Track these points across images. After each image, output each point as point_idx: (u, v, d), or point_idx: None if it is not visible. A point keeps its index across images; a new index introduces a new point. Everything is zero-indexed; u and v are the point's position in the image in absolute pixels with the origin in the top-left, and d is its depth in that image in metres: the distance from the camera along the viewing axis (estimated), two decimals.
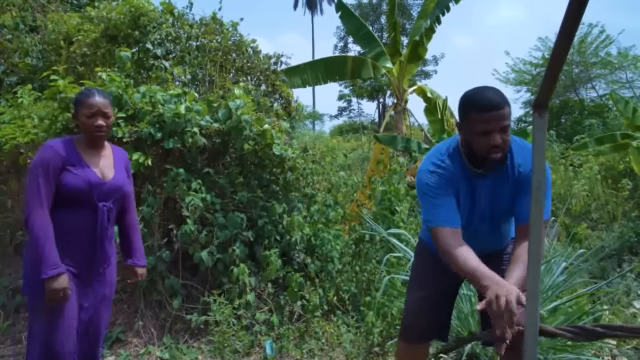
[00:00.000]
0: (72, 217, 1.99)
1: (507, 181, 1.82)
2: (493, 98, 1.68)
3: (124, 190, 2.18)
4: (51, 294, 1.86)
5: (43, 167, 1.93)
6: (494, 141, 1.67)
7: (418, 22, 6.78)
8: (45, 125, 3.40)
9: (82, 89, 2.21)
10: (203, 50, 4.21)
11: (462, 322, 2.75)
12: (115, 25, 4.58)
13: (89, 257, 2.04)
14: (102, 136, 2.08)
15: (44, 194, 1.91)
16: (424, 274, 2.15)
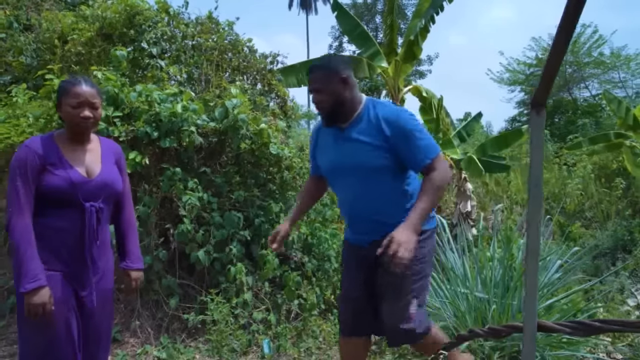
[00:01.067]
0: (58, 219, 1.83)
1: (362, 130, 1.99)
2: (313, 64, 2.07)
3: (114, 187, 1.97)
4: (30, 308, 1.70)
5: (20, 168, 1.78)
6: (313, 100, 2.02)
7: (413, 22, 6.79)
8: (40, 124, 3.38)
9: (68, 77, 2.03)
10: (199, 50, 4.20)
11: (460, 319, 2.77)
12: (111, 24, 4.56)
13: (79, 261, 1.87)
14: (88, 128, 1.89)
15: (23, 198, 1.76)
16: (345, 267, 2.24)
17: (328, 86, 1.98)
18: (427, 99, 7.09)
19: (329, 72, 1.99)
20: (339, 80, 2.00)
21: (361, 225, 2.09)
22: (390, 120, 1.95)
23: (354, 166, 2.01)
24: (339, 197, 2.20)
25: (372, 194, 2.01)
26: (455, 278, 2.99)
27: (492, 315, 2.68)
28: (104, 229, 1.97)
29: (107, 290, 2.00)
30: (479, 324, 2.81)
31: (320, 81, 1.99)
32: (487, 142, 6.33)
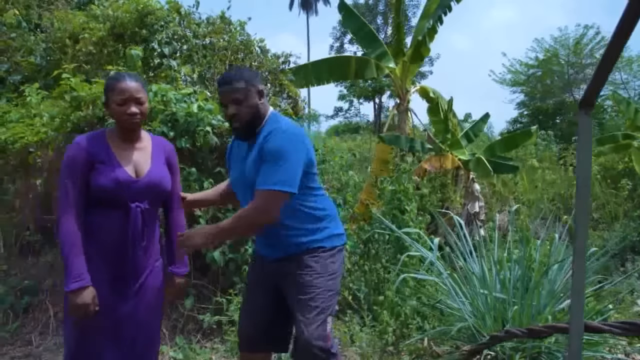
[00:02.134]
0: (104, 219, 1.79)
1: (254, 151, 1.94)
2: (226, 75, 1.97)
3: (162, 188, 1.90)
4: (73, 308, 1.68)
5: (70, 167, 1.76)
6: (228, 112, 1.94)
7: (421, 22, 6.79)
8: (55, 124, 3.36)
9: (113, 72, 2.01)
10: (212, 49, 4.19)
11: (479, 320, 2.76)
12: (122, 24, 4.54)
13: (124, 263, 1.82)
14: (136, 125, 1.84)
15: (72, 197, 1.73)
16: (250, 279, 2.20)
17: (248, 99, 1.91)
18: (434, 99, 7.09)
19: (249, 84, 1.92)
20: (257, 92, 1.95)
21: (266, 239, 2.04)
22: (267, 139, 1.89)
23: (252, 182, 1.91)
24: None
25: None
26: (472, 278, 2.98)
27: (513, 316, 2.67)
28: (151, 230, 1.90)
29: (153, 294, 1.93)
30: (498, 324, 2.81)
31: (240, 92, 1.90)
32: (496, 143, 6.33)
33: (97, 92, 3.29)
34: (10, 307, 3.58)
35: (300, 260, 1.96)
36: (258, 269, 2.13)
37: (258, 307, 2.08)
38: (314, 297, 1.91)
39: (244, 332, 2.13)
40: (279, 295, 2.05)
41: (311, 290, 1.92)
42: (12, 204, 3.87)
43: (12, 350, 3.30)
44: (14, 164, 3.78)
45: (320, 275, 1.96)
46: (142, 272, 1.87)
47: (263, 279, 2.09)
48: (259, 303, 2.09)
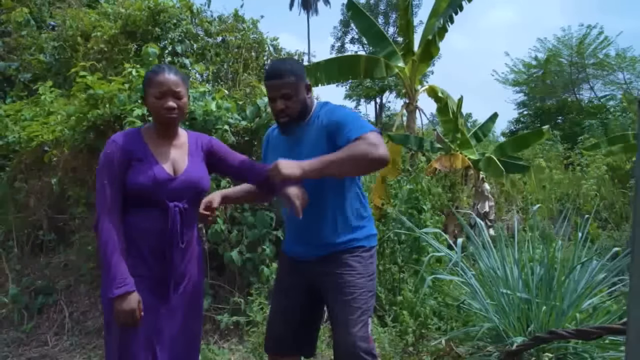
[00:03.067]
0: (142, 219, 1.72)
1: (311, 136, 1.87)
2: (277, 67, 1.88)
3: (200, 186, 1.81)
4: (119, 315, 1.62)
5: (107, 165, 1.69)
6: (276, 107, 1.86)
7: (430, 21, 6.75)
8: (71, 122, 3.33)
9: (153, 66, 1.91)
10: (225, 48, 4.16)
11: (505, 321, 2.73)
12: (134, 22, 4.51)
13: (162, 264, 1.74)
14: (174, 120, 1.74)
15: (110, 197, 1.67)
16: (280, 280, 2.13)
17: (298, 94, 1.84)
18: (442, 99, 7.05)
19: (299, 78, 1.86)
20: (306, 87, 1.89)
21: (307, 236, 1.96)
22: (329, 115, 1.86)
23: None
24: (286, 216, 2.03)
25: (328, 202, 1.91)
26: (495, 278, 2.95)
27: (541, 317, 2.64)
28: (190, 232, 1.82)
29: (193, 297, 1.85)
30: (523, 325, 2.78)
31: (290, 87, 1.83)
32: (507, 143, 6.30)
33: (114, 90, 3.25)
34: (25, 307, 3.55)
35: (340, 260, 1.90)
36: (289, 269, 2.06)
37: (289, 308, 2.02)
38: (356, 298, 1.86)
39: (273, 334, 2.06)
40: (312, 297, 2.00)
41: (353, 291, 1.86)
42: (26, 203, 3.84)
43: (28, 351, 3.27)
44: (28, 162, 3.75)
45: (362, 275, 1.90)
46: (181, 275, 1.79)
47: (296, 280, 2.02)
48: (290, 304, 2.02)
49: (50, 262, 3.93)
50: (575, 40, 16.78)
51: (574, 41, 16.84)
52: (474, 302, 2.96)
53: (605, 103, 16.64)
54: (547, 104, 19.39)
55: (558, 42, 17.27)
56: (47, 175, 3.66)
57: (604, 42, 16.45)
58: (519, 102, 20.79)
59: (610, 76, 17.50)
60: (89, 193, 3.60)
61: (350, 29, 33.34)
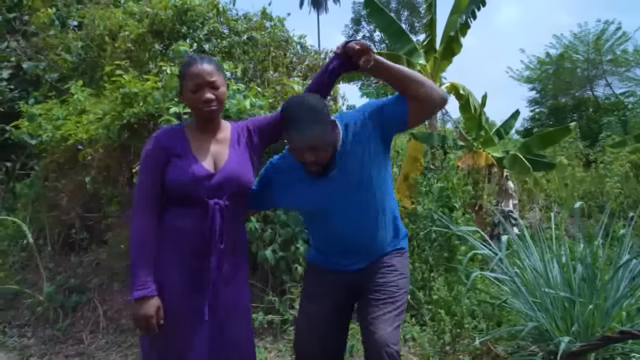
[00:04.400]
0: (181, 218, 1.65)
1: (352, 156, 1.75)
2: (300, 118, 1.62)
3: (241, 180, 1.69)
4: (135, 319, 1.57)
5: (147, 163, 1.65)
6: (303, 159, 1.68)
7: (452, 17, 6.67)
8: (106, 120, 3.34)
9: (185, 57, 1.87)
10: (254, 46, 4.15)
11: (551, 320, 2.68)
12: (161, 21, 4.52)
13: (202, 266, 1.65)
14: (213, 112, 1.65)
15: (149, 195, 1.62)
16: (312, 290, 1.99)
17: (326, 141, 1.66)
18: (464, 96, 6.98)
19: (325, 124, 1.64)
20: (332, 127, 1.70)
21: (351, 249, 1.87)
22: (358, 115, 1.78)
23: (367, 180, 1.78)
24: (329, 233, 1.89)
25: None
26: (537, 276, 2.90)
27: (586, 317, 2.59)
28: (232, 231, 1.71)
29: (238, 300, 1.75)
30: (567, 324, 2.73)
31: (318, 139, 1.62)
32: (532, 140, 6.23)
33: (148, 89, 3.26)
34: (60, 306, 3.57)
35: (383, 261, 1.87)
36: (326, 280, 1.92)
37: (321, 319, 1.89)
38: (395, 298, 1.81)
39: (304, 345, 1.94)
40: (346, 307, 1.94)
41: (394, 290, 1.82)
42: (58, 202, 3.86)
43: (65, 349, 3.29)
44: (60, 161, 3.77)
45: (403, 275, 1.88)
46: (222, 276, 1.68)
47: (334, 291, 1.90)
48: (322, 315, 1.89)
49: (82, 260, 3.95)
50: (592, 36, 16.54)
51: (591, 37, 16.59)
52: (516, 300, 2.91)
53: (624, 100, 16.37)
54: (561, 102, 19.14)
55: (574, 38, 17.04)
56: (79, 174, 3.67)
57: (622, 38, 16.20)
58: (531, 100, 20.57)
59: (627, 72, 17.23)
60: (121, 192, 3.61)
61: (361, 27, 33.25)
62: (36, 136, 3.72)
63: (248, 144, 1.78)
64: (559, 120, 17.84)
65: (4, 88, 6.62)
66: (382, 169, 1.81)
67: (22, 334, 3.44)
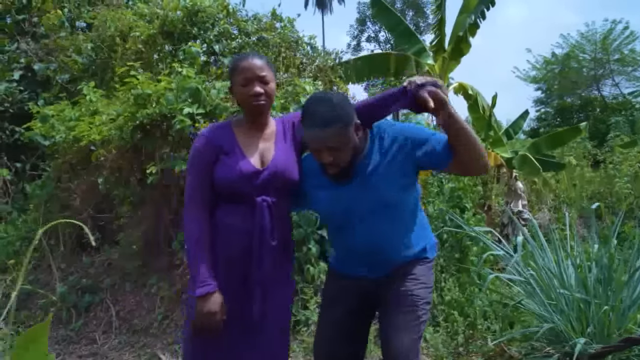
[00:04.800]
0: (228, 215, 1.63)
1: (379, 167, 1.66)
2: (319, 114, 1.54)
3: (288, 176, 1.67)
4: (199, 317, 1.54)
5: (195, 160, 1.64)
6: (321, 159, 1.60)
7: (460, 17, 6.68)
8: (119, 121, 3.35)
9: (239, 55, 1.78)
10: (265, 47, 4.16)
11: (566, 322, 2.67)
12: (172, 22, 4.53)
13: (248, 265, 1.63)
14: (262, 107, 1.63)
15: (199, 192, 1.62)
16: (327, 295, 1.96)
17: (348, 141, 1.58)
18: (472, 96, 6.98)
19: (347, 122, 1.56)
20: (355, 128, 1.61)
21: (370, 258, 1.79)
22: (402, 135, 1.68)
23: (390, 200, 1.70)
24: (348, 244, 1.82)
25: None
26: (551, 277, 2.89)
27: (602, 318, 2.58)
28: (281, 228, 1.69)
29: (281, 302, 1.73)
30: (582, 326, 2.71)
31: (338, 138, 1.55)
32: (542, 140, 6.21)
33: (162, 90, 3.26)
34: (73, 306, 3.58)
35: (405, 269, 1.78)
36: (342, 285, 1.87)
37: (335, 323, 1.83)
38: (417, 308, 1.73)
39: (317, 349, 1.88)
40: (362, 313, 1.87)
41: (416, 300, 1.73)
42: (70, 203, 3.88)
43: (78, 349, 3.30)
44: (73, 162, 3.79)
45: (425, 285, 1.79)
46: (269, 277, 1.66)
47: (348, 296, 1.84)
48: (336, 319, 1.83)
49: (94, 261, 3.97)
50: (600, 36, 16.46)
51: (598, 37, 16.51)
52: (530, 301, 2.90)
53: (631, 99, 16.27)
54: (568, 101, 19.06)
55: (582, 38, 16.96)
56: (92, 175, 3.69)
57: (630, 37, 16.11)
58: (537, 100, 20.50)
59: (635, 72, 17.14)
60: (134, 192, 3.63)
61: (366, 27, 33.24)
62: (49, 137, 3.74)
63: (293, 139, 1.75)
64: (565, 120, 17.76)
65: (14, 89, 6.69)
66: (409, 187, 1.74)
67: None
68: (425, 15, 31.46)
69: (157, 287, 3.57)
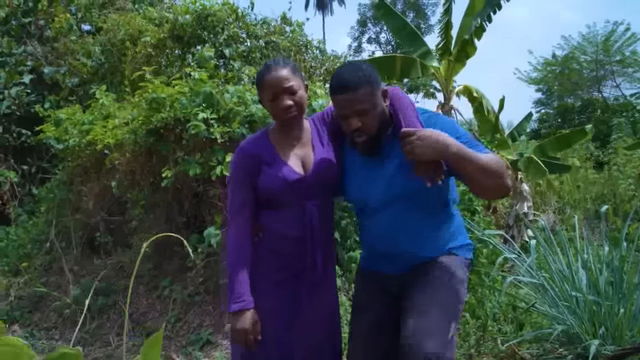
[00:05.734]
0: (275, 222, 1.65)
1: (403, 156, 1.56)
2: (346, 78, 1.54)
3: (331, 178, 1.67)
4: (232, 332, 1.56)
5: (236, 173, 1.67)
6: (350, 126, 1.57)
7: (466, 20, 6.69)
8: (134, 125, 3.37)
9: (263, 65, 1.73)
10: (276, 50, 4.19)
11: (579, 324, 2.70)
12: (182, 26, 4.57)
13: (299, 267, 1.65)
14: (294, 118, 1.62)
15: (238, 205, 1.63)
16: (356, 300, 1.88)
17: (375, 105, 1.56)
18: (477, 98, 7.00)
19: (374, 86, 1.56)
20: (382, 94, 1.60)
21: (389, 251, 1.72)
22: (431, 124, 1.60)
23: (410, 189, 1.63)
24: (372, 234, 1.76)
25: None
26: (565, 281, 2.92)
27: (615, 320, 2.61)
28: (328, 225, 1.72)
29: (328, 303, 1.75)
30: (594, 328, 2.74)
31: (365, 101, 1.53)
32: (547, 142, 6.24)
33: (176, 94, 3.30)
34: (88, 309, 3.61)
35: (433, 263, 1.66)
36: (370, 288, 1.81)
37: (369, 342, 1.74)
38: (440, 295, 1.59)
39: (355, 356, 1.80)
40: (389, 321, 1.73)
41: (438, 286, 1.60)
42: (85, 206, 3.90)
43: (93, 351, 3.33)
44: (86, 165, 3.82)
45: (455, 277, 1.64)
46: (317, 278, 1.68)
47: (375, 300, 1.76)
48: (365, 325, 1.75)
49: (106, 263, 4.00)
50: (601, 38, 16.51)
51: (599, 38, 16.56)
52: (543, 304, 2.93)
53: (633, 101, 16.31)
54: (569, 103, 19.12)
55: (583, 39, 17.01)
56: (105, 178, 3.72)
57: (631, 39, 16.16)
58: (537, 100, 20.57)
59: (636, 73, 17.18)
60: (146, 195, 3.66)
61: (367, 29, 33.30)
62: (62, 141, 3.77)
63: (328, 135, 1.75)
64: (566, 122, 17.80)
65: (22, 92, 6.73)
66: None
67: (50, 336, 3.49)
68: (426, 17, 31.54)
69: (169, 289, 3.60)
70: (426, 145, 1.44)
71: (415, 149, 1.46)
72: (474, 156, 1.48)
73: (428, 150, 1.45)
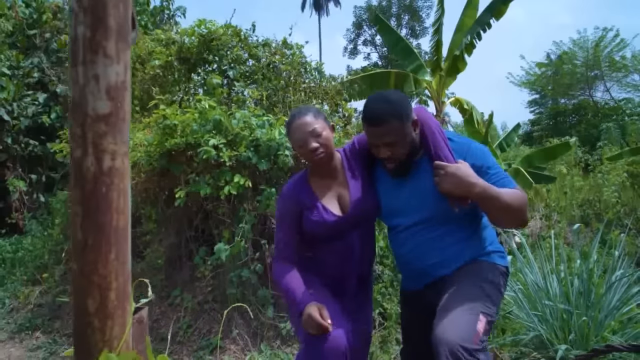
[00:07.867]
0: (320, 253, 1.84)
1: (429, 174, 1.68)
2: (376, 112, 1.64)
3: (369, 212, 1.84)
4: (305, 325, 1.67)
5: (282, 218, 1.85)
6: (379, 154, 1.71)
7: (456, 36, 7.04)
8: (150, 148, 3.65)
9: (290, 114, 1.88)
10: (277, 72, 4.49)
11: (550, 331, 3.02)
12: (188, 48, 4.86)
13: (340, 296, 1.83)
14: (324, 159, 1.75)
15: (284, 248, 1.83)
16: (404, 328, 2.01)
17: (405, 137, 1.66)
18: (467, 110, 7.34)
19: (404, 118, 1.65)
20: (412, 124, 1.69)
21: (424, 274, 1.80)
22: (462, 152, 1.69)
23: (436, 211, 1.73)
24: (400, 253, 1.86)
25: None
26: (539, 291, 3.24)
27: (582, 328, 2.93)
28: (370, 249, 1.91)
29: (364, 328, 1.90)
30: (565, 334, 3.07)
31: (394, 134, 1.63)
32: (534, 154, 6.57)
33: (187, 120, 3.59)
34: None
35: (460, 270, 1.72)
36: (411, 318, 1.94)
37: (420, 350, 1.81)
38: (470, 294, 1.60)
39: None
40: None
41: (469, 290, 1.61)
42: None
43: None
44: None
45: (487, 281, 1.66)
46: (356, 304, 1.87)
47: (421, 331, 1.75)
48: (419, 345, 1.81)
49: None
50: (591, 43, 16.89)
51: (590, 44, 16.94)
52: (519, 312, 3.25)
53: (622, 105, 16.71)
54: (561, 105, 19.51)
55: (574, 45, 17.40)
56: None
57: (621, 44, 16.55)
58: (531, 101, 20.97)
59: (626, 78, 17.59)
60: (160, 211, 3.95)
61: (362, 31, 33.60)
62: None
63: (359, 164, 1.88)
64: (558, 124, 18.20)
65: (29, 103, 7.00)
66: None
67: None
68: (420, 19, 31.85)
69: (180, 298, 3.90)
70: (453, 182, 1.58)
71: (442, 183, 1.60)
72: (496, 196, 1.57)
73: (453, 187, 1.58)
